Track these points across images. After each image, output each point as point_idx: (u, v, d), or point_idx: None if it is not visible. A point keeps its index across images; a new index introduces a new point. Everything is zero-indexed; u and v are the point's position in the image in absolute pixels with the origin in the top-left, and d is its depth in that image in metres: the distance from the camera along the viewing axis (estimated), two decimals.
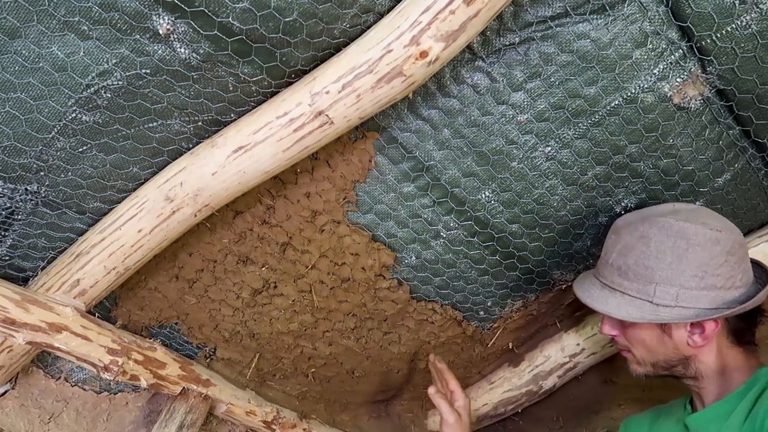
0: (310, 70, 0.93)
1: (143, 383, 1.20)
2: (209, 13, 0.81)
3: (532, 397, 1.56)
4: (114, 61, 0.85)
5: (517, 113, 1.06)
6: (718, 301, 0.94)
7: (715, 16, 0.91)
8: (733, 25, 0.92)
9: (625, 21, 0.95)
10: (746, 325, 0.99)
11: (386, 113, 1.06)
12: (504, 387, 1.55)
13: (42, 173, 0.97)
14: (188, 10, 0.80)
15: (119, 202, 1.05)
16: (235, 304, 1.29)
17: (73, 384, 1.32)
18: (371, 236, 1.22)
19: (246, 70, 0.90)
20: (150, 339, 1.26)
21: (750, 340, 1.00)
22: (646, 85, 1.01)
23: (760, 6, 0.90)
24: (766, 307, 1.02)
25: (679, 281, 0.94)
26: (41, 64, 0.83)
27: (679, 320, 0.94)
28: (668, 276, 0.95)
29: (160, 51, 0.85)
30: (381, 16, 0.89)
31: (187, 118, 0.96)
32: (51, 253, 1.10)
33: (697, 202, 1.19)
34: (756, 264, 1.06)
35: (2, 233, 1.04)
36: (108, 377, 1.13)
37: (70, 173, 0.98)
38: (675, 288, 0.94)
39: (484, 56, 1.00)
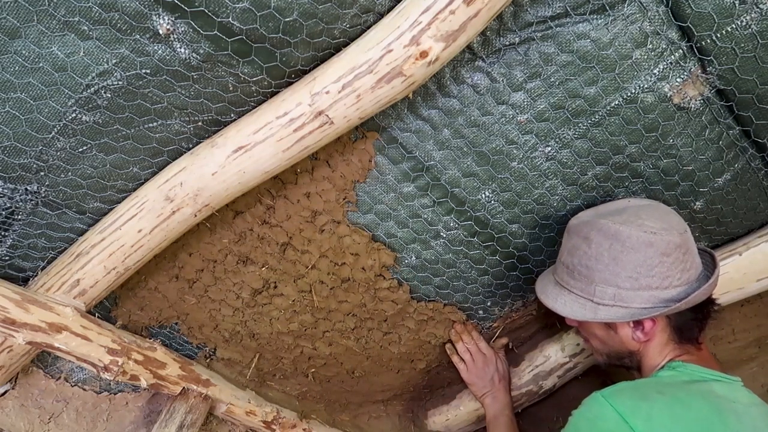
0: (310, 70, 0.93)
1: (143, 383, 1.20)
2: (209, 13, 0.81)
3: (532, 397, 1.56)
4: (114, 61, 0.85)
5: (517, 113, 1.06)
6: (654, 301, 0.98)
7: (715, 16, 0.91)
8: (733, 25, 0.92)
9: (625, 21, 0.95)
10: (691, 321, 1.02)
11: (386, 113, 1.06)
12: None
13: (42, 173, 0.97)
14: (188, 10, 0.80)
15: (119, 202, 1.05)
16: (235, 304, 1.29)
17: (73, 384, 1.32)
18: (371, 236, 1.22)
19: (246, 70, 0.90)
20: (150, 339, 1.26)
21: (692, 337, 1.03)
22: (646, 85, 1.01)
23: (760, 6, 0.90)
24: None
25: (616, 282, 0.99)
26: (41, 64, 0.83)
27: (616, 319, 1.00)
28: (606, 277, 1.00)
29: (160, 51, 0.85)
30: (381, 16, 0.89)
31: (187, 118, 0.96)
32: (51, 253, 1.10)
33: (698, 202, 1.20)
34: (710, 256, 1.09)
35: (2, 233, 1.04)
36: (108, 377, 1.13)
37: (70, 173, 0.98)
38: (612, 288, 0.99)
39: (484, 56, 1.00)
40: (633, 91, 1.02)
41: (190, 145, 1.01)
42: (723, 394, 0.93)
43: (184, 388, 1.27)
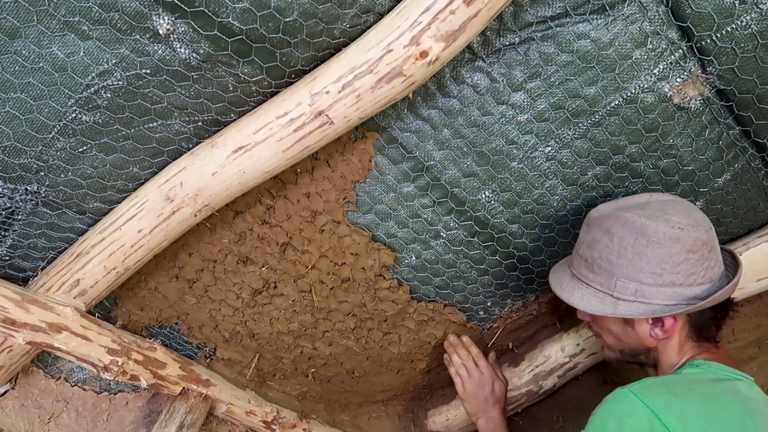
0: (310, 70, 0.93)
1: (143, 383, 1.20)
2: (209, 13, 0.81)
3: (532, 397, 1.56)
4: (114, 61, 0.85)
5: (517, 113, 1.06)
6: (677, 298, 0.95)
7: (715, 16, 0.91)
8: (733, 25, 0.92)
9: (625, 21, 0.95)
10: (711, 320, 1.00)
11: (386, 113, 1.06)
12: None
13: (42, 173, 0.97)
14: (188, 10, 0.80)
15: (119, 202, 1.05)
16: (235, 304, 1.29)
17: (73, 384, 1.32)
18: (371, 236, 1.22)
19: (246, 70, 0.90)
20: (150, 339, 1.26)
21: (710, 336, 1.01)
22: (646, 85, 1.01)
23: (760, 6, 0.90)
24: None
25: (639, 277, 0.96)
26: (41, 64, 0.83)
27: (637, 315, 0.97)
28: (628, 272, 0.97)
29: (160, 51, 0.85)
30: (381, 16, 0.89)
31: (187, 118, 0.96)
32: (51, 253, 1.10)
33: (698, 202, 1.19)
34: (731, 255, 1.07)
35: (2, 233, 1.04)
36: (108, 377, 1.13)
37: (70, 173, 0.98)
38: (634, 283, 0.97)
39: (484, 56, 1.00)
40: (633, 91, 1.02)
41: (190, 145, 1.01)
42: (747, 393, 0.91)
43: (184, 388, 1.27)
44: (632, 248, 0.97)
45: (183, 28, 0.83)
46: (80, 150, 0.95)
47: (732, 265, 1.05)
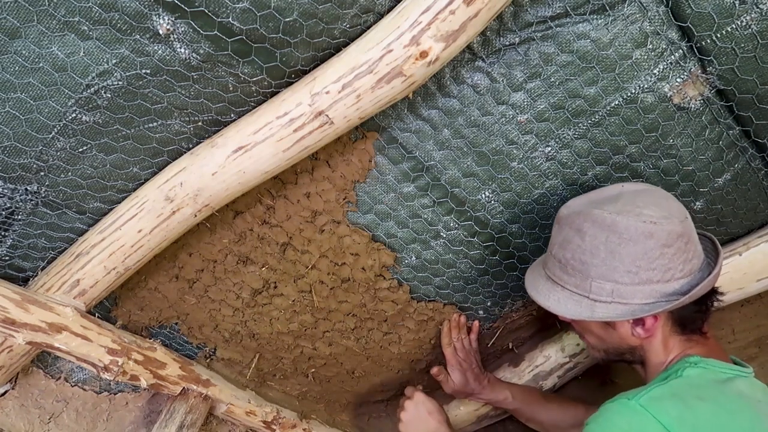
0: (310, 70, 0.93)
1: (143, 383, 1.20)
2: (209, 13, 0.81)
3: None
4: (114, 61, 0.85)
5: (517, 113, 1.06)
6: (656, 296, 0.90)
7: (715, 16, 0.91)
8: (733, 26, 0.92)
9: (625, 21, 0.95)
10: (694, 313, 0.95)
11: (386, 113, 1.06)
12: None
13: (42, 173, 0.97)
14: (188, 10, 0.80)
15: (119, 202, 1.05)
16: (235, 304, 1.29)
17: (73, 384, 1.32)
18: (371, 236, 1.22)
19: (246, 70, 0.90)
20: (150, 339, 1.26)
21: (696, 329, 0.96)
22: (646, 85, 1.01)
23: (760, 6, 0.90)
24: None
25: (614, 277, 0.91)
26: (41, 64, 0.83)
27: (615, 317, 0.93)
28: (603, 272, 0.92)
29: (160, 51, 0.85)
30: (381, 16, 0.89)
31: (187, 119, 0.96)
32: (51, 253, 1.10)
33: (698, 202, 1.20)
34: (711, 242, 1.02)
35: (2, 233, 1.04)
36: (108, 377, 1.13)
37: (70, 173, 0.98)
38: (610, 284, 0.92)
39: (484, 56, 1.00)
40: (633, 91, 1.02)
41: (190, 145, 1.01)
42: (748, 392, 0.87)
43: (184, 388, 1.27)
44: (605, 247, 0.91)
45: (183, 28, 0.83)
46: (80, 150, 0.95)
47: (713, 252, 0.99)
